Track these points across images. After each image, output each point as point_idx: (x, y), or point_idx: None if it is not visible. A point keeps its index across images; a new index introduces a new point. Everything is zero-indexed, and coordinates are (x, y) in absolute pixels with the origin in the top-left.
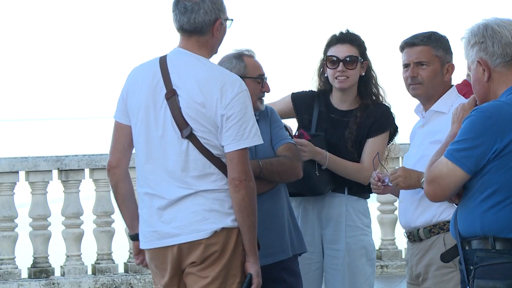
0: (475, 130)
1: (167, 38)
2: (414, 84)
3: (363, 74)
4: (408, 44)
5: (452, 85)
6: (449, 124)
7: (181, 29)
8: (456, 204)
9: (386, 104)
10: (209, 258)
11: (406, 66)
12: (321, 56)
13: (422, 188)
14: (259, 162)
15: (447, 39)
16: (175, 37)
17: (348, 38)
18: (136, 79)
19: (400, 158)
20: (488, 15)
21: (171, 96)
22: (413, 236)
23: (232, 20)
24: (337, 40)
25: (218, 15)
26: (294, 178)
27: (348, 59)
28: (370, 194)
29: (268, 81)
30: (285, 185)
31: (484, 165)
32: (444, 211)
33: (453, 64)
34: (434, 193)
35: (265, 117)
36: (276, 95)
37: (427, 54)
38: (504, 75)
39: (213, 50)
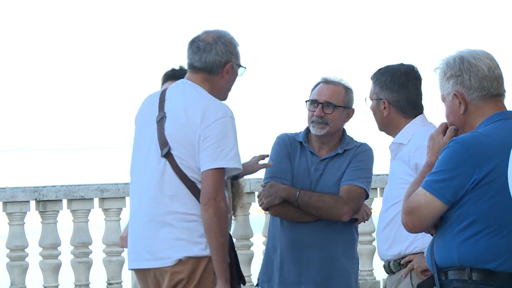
0: (453, 161)
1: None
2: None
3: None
4: None
5: (420, 114)
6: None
7: (192, 66)
8: (432, 235)
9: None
10: (176, 286)
11: None
12: None
13: None
14: (298, 191)
15: (388, 73)
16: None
17: None
18: (142, 107)
19: (379, 188)
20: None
21: (161, 118)
22: (386, 268)
23: (245, 68)
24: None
25: (229, 58)
26: (334, 218)
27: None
28: None
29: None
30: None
31: (462, 196)
32: (411, 245)
33: (386, 101)
34: (413, 224)
35: (348, 153)
36: None
37: (372, 95)
38: (481, 108)
39: (220, 92)
